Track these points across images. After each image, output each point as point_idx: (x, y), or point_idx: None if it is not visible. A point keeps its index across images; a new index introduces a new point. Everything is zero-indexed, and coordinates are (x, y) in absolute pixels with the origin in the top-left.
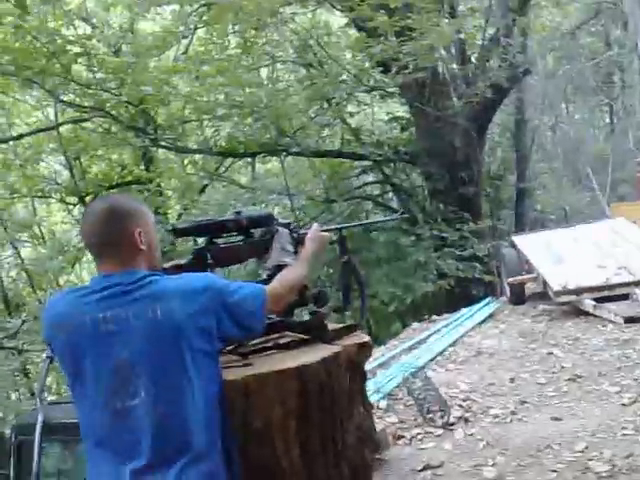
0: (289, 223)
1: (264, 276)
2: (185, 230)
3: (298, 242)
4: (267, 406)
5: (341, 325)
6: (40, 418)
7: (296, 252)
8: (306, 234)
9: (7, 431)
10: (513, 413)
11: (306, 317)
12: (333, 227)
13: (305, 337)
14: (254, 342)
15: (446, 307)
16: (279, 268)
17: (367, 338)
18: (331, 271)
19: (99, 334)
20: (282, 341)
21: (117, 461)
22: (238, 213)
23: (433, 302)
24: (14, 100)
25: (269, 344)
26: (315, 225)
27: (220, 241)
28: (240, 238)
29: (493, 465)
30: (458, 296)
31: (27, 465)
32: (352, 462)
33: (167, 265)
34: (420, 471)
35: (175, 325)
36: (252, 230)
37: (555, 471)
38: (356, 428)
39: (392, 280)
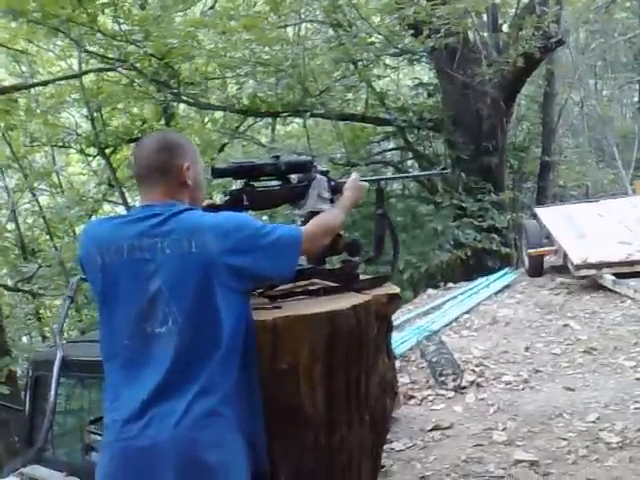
0: (327, 171)
1: (298, 222)
2: (223, 171)
3: (335, 190)
4: (295, 348)
5: (372, 276)
6: (59, 354)
7: (332, 200)
8: (344, 183)
9: (18, 370)
10: (526, 381)
11: (337, 265)
12: (372, 178)
13: (335, 285)
14: (283, 287)
15: (460, 277)
16: (313, 215)
17: (397, 289)
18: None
19: (134, 260)
20: (312, 288)
21: (134, 385)
22: (277, 157)
23: (447, 272)
24: (38, 49)
25: (298, 290)
26: (354, 174)
27: (257, 184)
28: (277, 182)
29: (503, 429)
30: (473, 267)
31: (42, 400)
32: (373, 410)
33: (204, 204)
34: (429, 431)
35: (208, 260)
36: (290, 175)
37: (565, 439)
38: (379, 378)
39: (407, 247)
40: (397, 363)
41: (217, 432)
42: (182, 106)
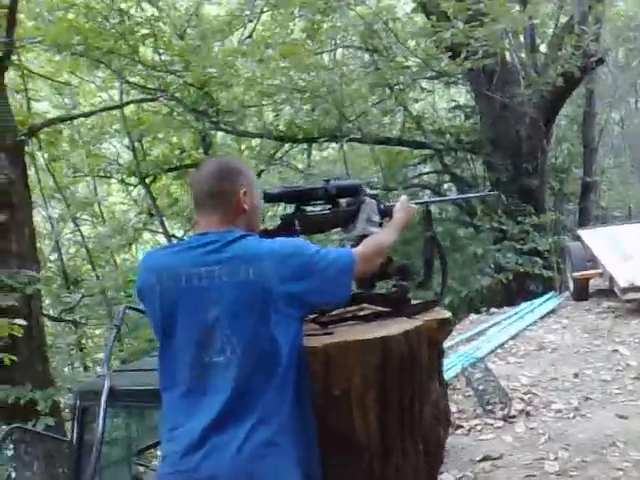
0: (377, 194)
1: (348, 246)
2: (275, 196)
3: (384, 214)
4: (347, 375)
5: (422, 300)
6: (107, 384)
7: (381, 224)
8: (393, 206)
9: (62, 400)
10: (576, 409)
11: (383, 290)
12: (421, 201)
13: (385, 310)
14: (333, 313)
15: (502, 302)
16: (363, 238)
17: (448, 314)
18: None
19: (192, 289)
20: (362, 313)
21: (193, 415)
22: (327, 181)
23: (488, 296)
24: (80, 80)
25: (348, 315)
26: (404, 197)
27: (308, 209)
28: (328, 207)
29: (555, 459)
30: (515, 291)
31: (89, 431)
32: (427, 439)
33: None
34: (479, 461)
35: (266, 288)
36: (339, 199)
37: (621, 469)
38: (433, 406)
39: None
40: None
41: (275, 463)
42: (220, 134)
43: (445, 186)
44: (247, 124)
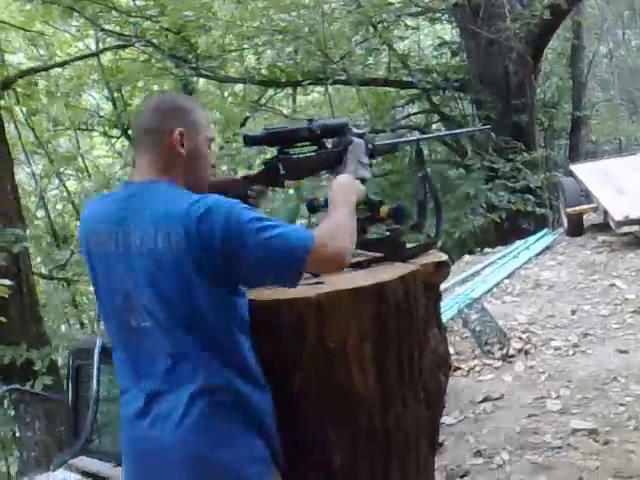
0: (364, 133)
1: None
2: (255, 138)
3: (373, 154)
4: (342, 326)
5: (417, 243)
6: (99, 342)
7: (371, 166)
8: (385, 145)
9: (59, 359)
10: (576, 345)
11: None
12: (411, 138)
13: (379, 255)
14: None
15: (495, 242)
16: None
17: (444, 257)
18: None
19: (109, 252)
20: (354, 260)
21: (136, 379)
22: (311, 121)
23: (481, 237)
24: (55, 31)
25: None
26: (344, 175)
27: (292, 151)
28: (313, 148)
29: (557, 397)
30: (508, 230)
31: (84, 389)
32: (427, 386)
33: (237, 177)
34: (480, 402)
35: (177, 259)
36: (325, 140)
37: (623, 405)
38: (432, 352)
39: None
40: None
41: (218, 434)
42: (202, 81)
43: (434, 126)
44: (229, 69)
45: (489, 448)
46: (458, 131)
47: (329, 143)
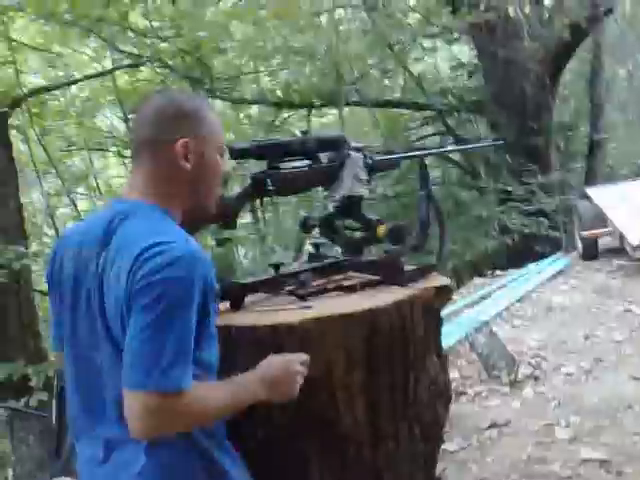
0: (363, 147)
1: (331, 208)
2: (242, 151)
3: (372, 169)
4: (327, 355)
5: (417, 266)
6: None
7: (369, 182)
8: (385, 161)
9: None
10: (588, 372)
11: (373, 256)
12: (413, 153)
13: (375, 279)
14: (314, 283)
15: (507, 265)
16: (351, 200)
17: (447, 281)
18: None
19: (77, 283)
20: (347, 283)
21: (91, 418)
22: (305, 133)
23: (493, 259)
24: (73, 52)
25: (331, 286)
26: (284, 358)
27: (283, 166)
28: (306, 163)
29: (567, 426)
30: (520, 253)
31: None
32: (423, 419)
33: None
34: (485, 429)
35: (118, 298)
36: (320, 154)
37: (637, 434)
38: (429, 381)
39: (450, 235)
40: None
41: None
42: (217, 103)
43: (449, 148)
44: (244, 90)
45: (493, 477)
46: (468, 146)
47: (325, 158)
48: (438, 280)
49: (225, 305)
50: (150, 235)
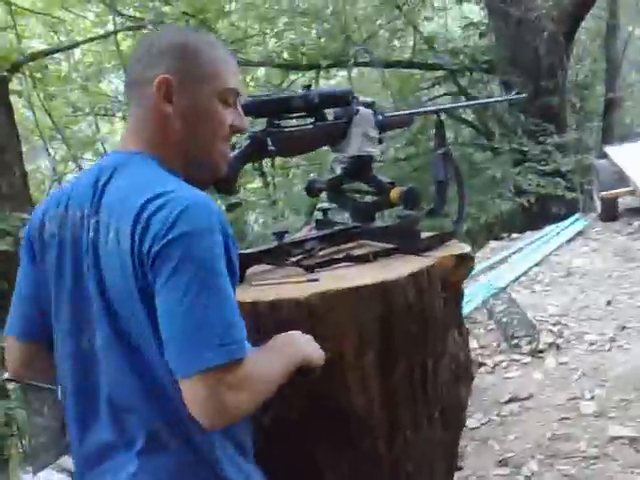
0: (373, 102)
1: (338, 170)
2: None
3: (384, 127)
4: (338, 333)
5: (435, 232)
6: None
7: (380, 141)
8: (396, 117)
9: None
10: (612, 340)
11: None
12: (428, 108)
13: (389, 247)
14: (322, 253)
15: (523, 227)
16: (360, 160)
17: (467, 249)
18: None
19: (74, 248)
20: (358, 252)
21: (86, 418)
22: (308, 87)
23: (508, 222)
24: (75, 17)
25: (341, 255)
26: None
27: (285, 123)
28: (310, 120)
29: (591, 398)
30: (536, 215)
31: None
32: (445, 403)
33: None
34: (506, 403)
35: (122, 263)
36: (325, 110)
37: None
38: (451, 361)
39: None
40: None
41: None
42: None
43: (461, 109)
44: (250, 53)
45: (516, 456)
46: (488, 100)
47: (331, 114)
48: (458, 248)
49: None
50: (147, 186)
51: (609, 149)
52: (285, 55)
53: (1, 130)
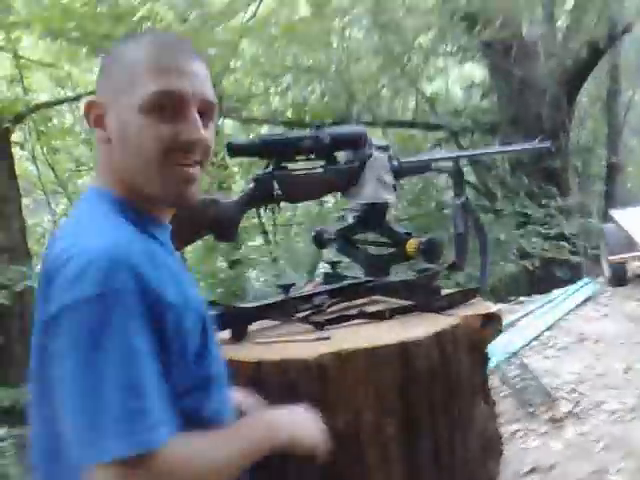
0: (387, 146)
1: (350, 219)
2: (244, 148)
3: (399, 173)
4: (353, 399)
5: (456, 289)
6: None
7: (395, 188)
8: (413, 163)
9: None
10: (633, 409)
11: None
12: (447, 155)
13: (406, 304)
14: (332, 309)
15: (526, 290)
16: (374, 208)
17: (494, 307)
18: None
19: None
20: (372, 308)
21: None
22: (318, 127)
23: (512, 285)
24: (81, 70)
25: (354, 311)
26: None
27: (292, 166)
28: (320, 163)
29: (618, 471)
30: (540, 279)
31: None
32: (473, 478)
33: (213, 196)
34: (527, 474)
35: (38, 325)
36: (336, 153)
37: None
38: (479, 432)
39: (468, 260)
40: None
41: None
42: (228, 124)
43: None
44: (254, 110)
45: None
46: (511, 148)
47: (343, 157)
48: (484, 307)
49: (225, 335)
50: (72, 230)
51: (615, 213)
52: (288, 112)
53: (1, 182)
